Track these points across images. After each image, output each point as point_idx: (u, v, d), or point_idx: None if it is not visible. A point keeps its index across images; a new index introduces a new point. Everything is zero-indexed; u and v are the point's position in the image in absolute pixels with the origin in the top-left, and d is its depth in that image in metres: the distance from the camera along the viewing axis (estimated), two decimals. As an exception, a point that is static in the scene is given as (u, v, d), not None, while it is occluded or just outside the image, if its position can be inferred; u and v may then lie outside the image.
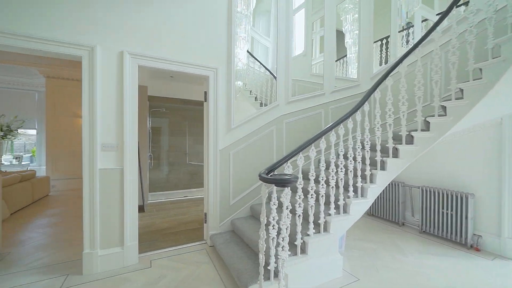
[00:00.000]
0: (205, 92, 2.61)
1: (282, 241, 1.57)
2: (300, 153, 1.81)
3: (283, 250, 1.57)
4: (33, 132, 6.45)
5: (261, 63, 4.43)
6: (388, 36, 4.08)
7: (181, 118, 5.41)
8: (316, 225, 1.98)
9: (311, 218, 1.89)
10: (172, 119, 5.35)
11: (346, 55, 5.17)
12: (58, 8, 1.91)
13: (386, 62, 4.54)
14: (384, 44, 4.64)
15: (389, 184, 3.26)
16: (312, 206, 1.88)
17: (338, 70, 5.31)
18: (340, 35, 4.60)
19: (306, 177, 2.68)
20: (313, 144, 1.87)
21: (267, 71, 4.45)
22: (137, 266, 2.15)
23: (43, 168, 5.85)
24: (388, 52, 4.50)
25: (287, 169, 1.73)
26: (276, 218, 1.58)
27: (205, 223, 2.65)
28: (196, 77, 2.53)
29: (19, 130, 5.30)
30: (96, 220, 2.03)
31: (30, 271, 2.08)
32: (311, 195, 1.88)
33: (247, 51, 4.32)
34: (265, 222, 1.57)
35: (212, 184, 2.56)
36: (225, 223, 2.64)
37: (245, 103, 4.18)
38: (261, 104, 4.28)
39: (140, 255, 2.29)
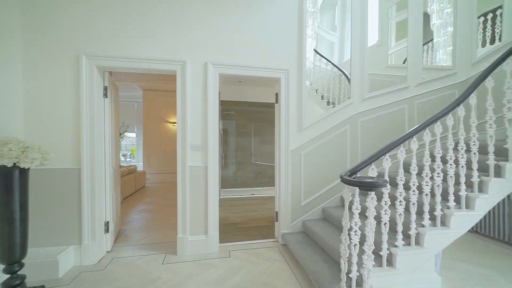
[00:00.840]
0: (276, 94, 2.69)
1: (368, 249, 1.46)
2: (387, 154, 1.64)
3: (368, 259, 1.46)
4: (133, 135, 8.04)
5: (328, 60, 4.24)
6: (498, 8, 3.24)
7: (247, 120, 5.72)
8: (406, 236, 1.75)
9: (400, 228, 1.68)
10: (239, 121, 5.72)
11: (431, 40, 4.39)
12: (157, 33, 2.32)
13: (493, 43, 3.62)
14: (489, 20, 3.71)
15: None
16: (401, 214, 1.68)
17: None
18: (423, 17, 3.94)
19: (393, 182, 2.40)
20: (401, 144, 1.67)
21: (335, 67, 4.23)
22: (218, 254, 2.39)
23: (140, 164, 7.21)
24: (497, 29, 3.57)
25: (371, 172, 1.60)
26: (359, 223, 1.48)
27: (276, 221, 2.72)
28: (267, 79, 2.63)
29: (125, 134, 6.72)
30: (187, 210, 2.37)
31: (139, 246, 2.60)
32: (400, 202, 1.67)
33: (314, 50, 4.21)
34: (348, 227, 1.50)
35: (284, 184, 2.60)
36: (296, 223, 2.64)
37: (311, 102, 4.08)
38: (328, 103, 4.10)
39: (220, 245, 2.54)
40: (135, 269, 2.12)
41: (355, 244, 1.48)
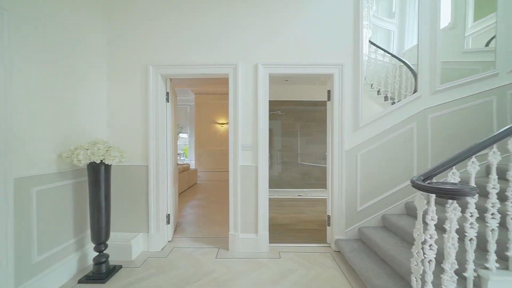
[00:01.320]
0: (329, 91, 2.54)
1: (449, 268, 1.24)
2: (473, 156, 1.36)
3: (450, 280, 1.23)
4: (185, 135, 8.77)
5: (386, 51, 3.83)
6: None
7: (294, 119, 5.62)
8: (502, 258, 1.43)
9: (492, 247, 1.38)
10: (285, 120, 5.65)
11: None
12: (210, 39, 2.44)
13: None
14: None
15: None
16: (493, 230, 1.37)
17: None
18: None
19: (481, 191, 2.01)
20: (494, 144, 1.36)
21: (394, 58, 3.79)
22: (268, 254, 2.39)
23: (192, 163, 7.80)
24: None
25: (452, 177, 1.35)
26: (435, 236, 1.27)
27: (328, 226, 2.57)
28: (318, 76, 2.51)
29: (179, 135, 7.37)
30: (238, 208, 2.44)
31: (194, 238, 2.80)
32: (492, 215, 1.37)
33: (369, 41, 3.86)
34: (421, 240, 1.30)
35: (337, 186, 2.44)
36: (352, 230, 2.45)
37: (366, 98, 3.75)
38: (385, 98, 3.70)
39: (270, 245, 2.53)
40: (192, 260, 2.28)
41: (430, 260, 1.28)
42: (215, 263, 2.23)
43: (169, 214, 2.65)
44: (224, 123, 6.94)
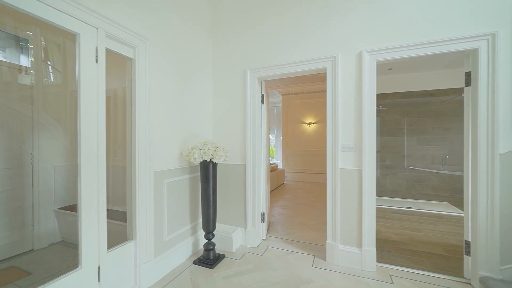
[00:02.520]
0: (468, 73, 1.88)
1: None
2: None
3: None
4: (272, 136, 9.06)
5: None
6: None
7: (398, 115, 4.69)
8: None
9: None
10: (387, 117, 4.80)
11: None
12: (305, 35, 2.31)
13: None
14: None
15: None
16: None
17: None
18: None
19: None
20: None
21: None
22: (376, 275, 2.01)
23: (279, 163, 7.96)
24: None
25: None
26: None
27: (467, 255, 1.91)
28: (446, 56, 1.90)
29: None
30: (337, 216, 2.19)
31: (286, 240, 2.74)
32: None
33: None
34: None
35: (484, 202, 1.77)
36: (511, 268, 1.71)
37: None
38: None
39: (377, 264, 2.14)
40: (287, 264, 2.22)
41: None
42: (312, 272, 2.08)
43: (263, 213, 2.72)
44: (311, 123, 6.68)
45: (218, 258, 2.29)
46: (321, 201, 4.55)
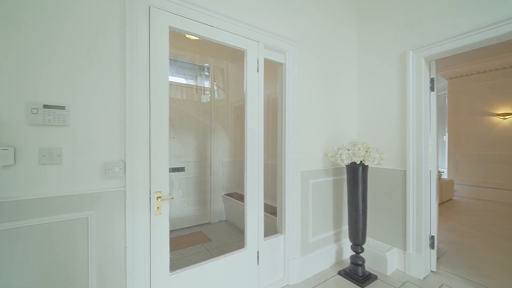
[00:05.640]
0: None
1: None
2: None
3: None
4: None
5: None
6: None
7: None
8: None
9: None
10: None
11: None
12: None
13: None
14: None
15: None
16: None
17: None
18: None
19: None
20: None
21: None
22: None
23: (445, 171, 5.97)
24: None
25: None
26: None
27: None
28: None
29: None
30: None
31: (472, 283, 1.88)
32: None
33: None
34: None
35: None
36: None
37: None
38: None
39: None
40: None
41: None
42: None
43: (433, 236, 2.04)
44: (509, 114, 4.40)
45: (369, 277, 1.96)
46: (538, 237, 2.85)
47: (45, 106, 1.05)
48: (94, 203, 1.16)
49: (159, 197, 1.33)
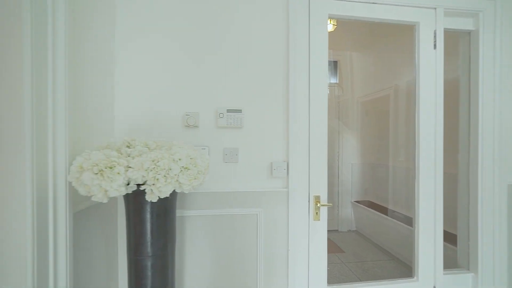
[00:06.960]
0: None
1: None
2: None
3: None
4: None
5: None
6: None
7: None
8: None
9: None
10: None
11: None
12: None
13: None
14: None
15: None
16: None
17: None
18: None
19: None
20: None
21: None
22: None
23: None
24: None
25: None
26: None
27: None
28: None
29: None
30: None
31: None
32: None
33: None
34: None
35: None
36: None
37: None
38: None
39: None
40: None
41: None
42: None
43: None
44: None
45: None
46: None
47: (229, 111, 1.18)
48: (262, 201, 1.21)
49: (318, 202, 1.23)
